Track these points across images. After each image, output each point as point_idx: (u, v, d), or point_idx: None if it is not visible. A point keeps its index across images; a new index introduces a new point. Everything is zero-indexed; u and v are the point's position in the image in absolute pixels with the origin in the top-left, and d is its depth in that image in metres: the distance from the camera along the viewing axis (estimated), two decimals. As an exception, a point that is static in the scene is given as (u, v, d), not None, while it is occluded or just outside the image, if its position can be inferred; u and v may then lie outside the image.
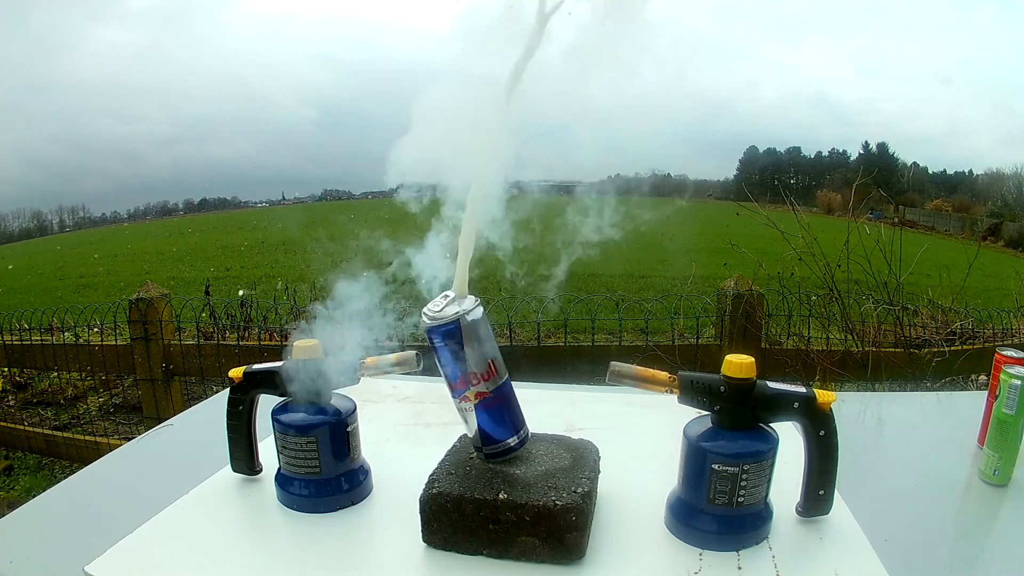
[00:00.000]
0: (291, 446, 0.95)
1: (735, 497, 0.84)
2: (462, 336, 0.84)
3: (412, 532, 0.86)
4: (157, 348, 3.05)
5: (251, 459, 1.04)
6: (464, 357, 0.85)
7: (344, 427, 0.96)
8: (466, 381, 0.86)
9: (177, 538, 0.90)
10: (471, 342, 0.85)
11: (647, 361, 1.32)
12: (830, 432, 0.85)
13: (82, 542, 0.88)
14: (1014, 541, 0.91)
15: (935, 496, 1.03)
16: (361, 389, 0.97)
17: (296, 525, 0.93)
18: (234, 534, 0.92)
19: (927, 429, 1.34)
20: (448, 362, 0.86)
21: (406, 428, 1.24)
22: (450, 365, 0.86)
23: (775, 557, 0.83)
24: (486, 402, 0.87)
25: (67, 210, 42.79)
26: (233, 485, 1.04)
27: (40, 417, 4.06)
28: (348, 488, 0.97)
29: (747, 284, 2.79)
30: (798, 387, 0.86)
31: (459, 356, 0.85)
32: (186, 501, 0.99)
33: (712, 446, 0.84)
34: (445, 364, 0.87)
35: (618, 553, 0.84)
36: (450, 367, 0.87)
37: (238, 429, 1.01)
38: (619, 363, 0.88)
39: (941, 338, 3.28)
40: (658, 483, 0.93)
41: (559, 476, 0.86)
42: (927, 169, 54.42)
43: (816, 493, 0.88)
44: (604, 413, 1.31)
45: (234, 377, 1.01)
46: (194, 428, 1.33)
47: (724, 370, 0.85)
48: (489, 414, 0.88)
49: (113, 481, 1.11)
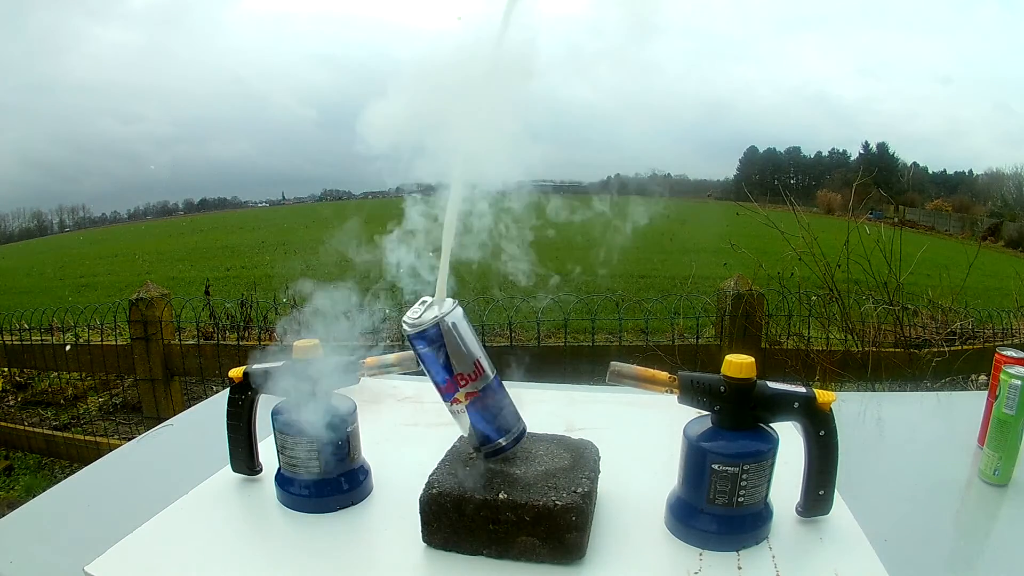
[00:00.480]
0: (291, 446, 0.96)
1: (735, 497, 0.84)
2: (444, 340, 0.84)
3: (412, 532, 0.86)
4: (157, 348, 3.05)
5: (251, 459, 1.04)
6: (449, 360, 0.85)
7: (344, 427, 0.96)
8: (454, 384, 0.86)
9: (177, 538, 0.90)
10: (453, 345, 0.85)
11: (647, 361, 1.32)
12: (830, 432, 0.86)
13: (82, 542, 0.88)
14: (1014, 541, 0.91)
15: (935, 496, 1.03)
16: (361, 389, 0.97)
17: (296, 525, 0.93)
18: (234, 534, 0.92)
19: (927, 429, 1.34)
20: (434, 366, 0.86)
21: (406, 428, 1.24)
22: (436, 369, 0.86)
23: (775, 557, 0.83)
24: (476, 402, 0.87)
25: (67, 210, 42.87)
26: (233, 485, 1.04)
27: (40, 417, 4.06)
28: (348, 488, 0.97)
29: (747, 284, 2.79)
30: (798, 387, 0.86)
31: (444, 360, 0.85)
32: (186, 501, 0.99)
33: (712, 446, 0.85)
34: (431, 369, 0.87)
35: (618, 553, 0.84)
36: (437, 371, 0.86)
37: (238, 429, 1.01)
38: (619, 363, 0.89)
39: (941, 338, 3.29)
40: (658, 483, 0.93)
41: (559, 476, 0.86)
42: (927, 169, 54.44)
43: (816, 493, 0.88)
44: (604, 413, 1.31)
45: (234, 377, 1.00)
46: (194, 428, 1.33)
47: (724, 370, 0.85)
48: (481, 413, 0.88)
49: (113, 481, 1.11)
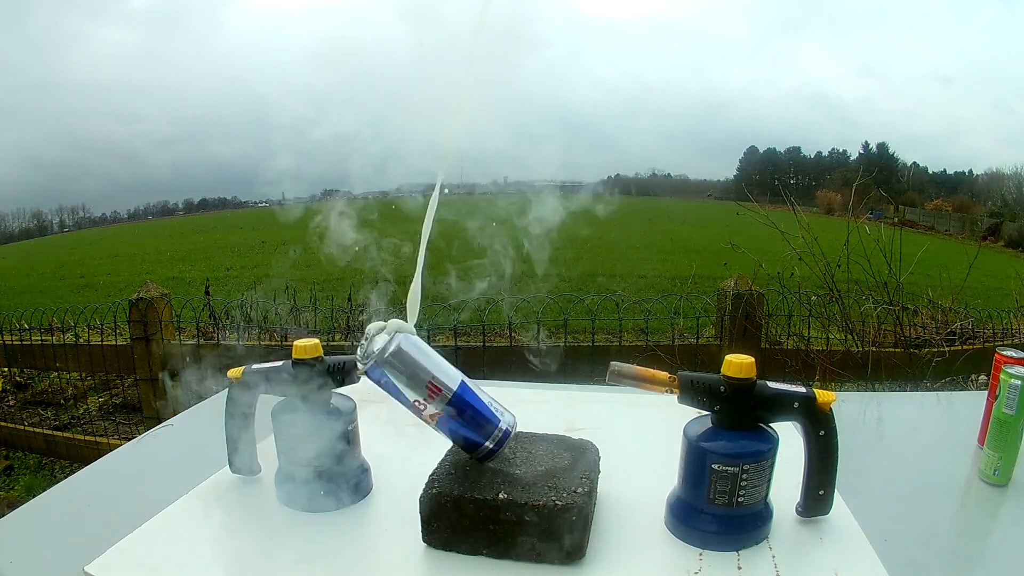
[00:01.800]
0: (291, 446, 0.95)
1: (735, 497, 0.84)
2: (389, 375, 0.85)
3: (412, 532, 0.86)
4: (157, 348, 3.05)
5: (251, 459, 1.03)
6: (401, 389, 0.86)
7: (344, 426, 0.96)
8: (415, 407, 0.87)
9: (177, 538, 0.90)
10: (400, 377, 0.86)
11: (647, 361, 1.32)
12: (830, 432, 0.85)
13: (82, 542, 0.88)
14: (1014, 541, 0.91)
15: (935, 496, 1.03)
16: (361, 388, 0.97)
17: (296, 525, 0.93)
18: (234, 534, 0.92)
19: (927, 429, 1.34)
20: (394, 394, 0.87)
21: (406, 428, 1.23)
22: (396, 395, 0.87)
23: (775, 557, 0.83)
24: (444, 419, 0.87)
25: (67, 210, 42.85)
26: (233, 485, 1.04)
27: (40, 417, 4.05)
28: (348, 488, 0.97)
29: (747, 284, 2.79)
30: (798, 387, 0.86)
31: (396, 389, 0.86)
32: (186, 501, 0.99)
33: (712, 446, 0.85)
34: (393, 396, 0.88)
35: (618, 553, 0.84)
36: (398, 397, 0.87)
37: (238, 429, 1.01)
38: (619, 363, 0.88)
39: (941, 338, 3.28)
40: (658, 483, 0.93)
41: (559, 476, 0.86)
42: (927, 169, 54.47)
43: (816, 493, 0.88)
44: (604, 413, 1.31)
45: (233, 377, 1.00)
46: (194, 428, 1.32)
47: (724, 370, 0.85)
48: (455, 425, 0.88)
49: (113, 481, 1.11)
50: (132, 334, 3.10)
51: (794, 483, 0.90)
